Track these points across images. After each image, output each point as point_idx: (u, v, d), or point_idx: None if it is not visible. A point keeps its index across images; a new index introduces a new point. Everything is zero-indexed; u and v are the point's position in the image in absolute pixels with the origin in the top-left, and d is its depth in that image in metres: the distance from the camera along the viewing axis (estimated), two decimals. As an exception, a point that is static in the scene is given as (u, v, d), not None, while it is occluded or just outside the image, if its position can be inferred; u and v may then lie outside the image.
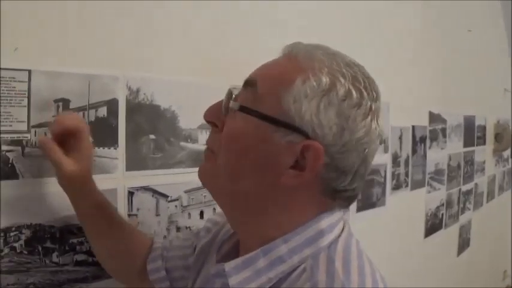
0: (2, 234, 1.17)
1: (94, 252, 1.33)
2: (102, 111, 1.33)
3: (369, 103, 0.87)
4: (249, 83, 0.92)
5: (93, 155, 1.26)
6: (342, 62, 0.88)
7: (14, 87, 1.16)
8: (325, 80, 0.85)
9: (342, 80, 0.85)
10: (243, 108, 0.90)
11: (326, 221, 0.91)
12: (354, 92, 0.85)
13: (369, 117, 0.87)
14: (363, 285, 0.84)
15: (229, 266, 0.91)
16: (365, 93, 0.86)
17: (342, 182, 0.88)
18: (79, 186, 1.19)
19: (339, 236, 0.92)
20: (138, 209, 1.44)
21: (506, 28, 5.35)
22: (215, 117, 0.96)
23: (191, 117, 1.55)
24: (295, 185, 0.87)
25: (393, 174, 2.83)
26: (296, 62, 0.88)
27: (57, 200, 1.24)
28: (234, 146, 0.91)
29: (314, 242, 0.89)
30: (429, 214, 3.42)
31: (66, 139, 1.17)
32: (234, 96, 0.94)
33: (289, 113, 0.85)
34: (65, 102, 1.26)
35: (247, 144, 0.89)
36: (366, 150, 0.88)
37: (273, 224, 0.91)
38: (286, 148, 0.86)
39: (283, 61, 0.91)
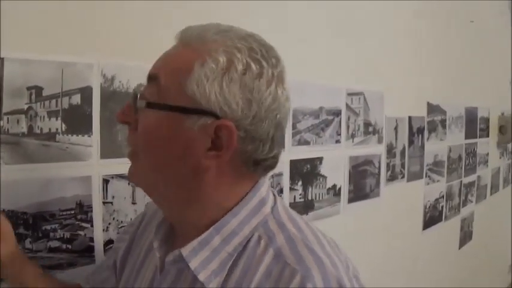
0: None
1: None
2: (76, 99, 1.33)
3: (270, 71, 0.89)
4: (151, 78, 0.94)
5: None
6: (236, 37, 0.90)
7: None
8: (222, 59, 0.87)
9: (239, 55, 0.87)
10: (150, 104, 0.92)
11: (262, 190, 0.97)
12: (252, 64, 0.87)
13: (273, 84, 0.89)
14: (318, 239, 0.94)
15: (185, 250, 0.93)
16: (264, 63, 0.89)
17: (262, 151, 0.92)
18: (14, 269, 1.20)
19: (275, 201, 0.99)
20: (113, 197, 1.44)
21: (512, 19, 5.32)
22: (128, 117, 0.97)
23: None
24: (218, 164, 0.91)
25: (388, 165, 2.82)
26: (191, 48, 0.90)
27: (30, 187, 1.24)
28: (151, 142, 0.93)
29: (259, 211, 0.96)
30: (428, 206, 3.40)
31: None
32: (139, 95, 0.95)
33: (195, 99, 0.87)
34: (38, 90, 1.26)
35: (162, 137, 0.91)
36: (278, 116, 0.91)
37: (216, 204, 0.95)
38: (200, 132, 0.88)
39: (179, 49, 0.93)
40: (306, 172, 2.15)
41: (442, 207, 3.63)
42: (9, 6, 1.19)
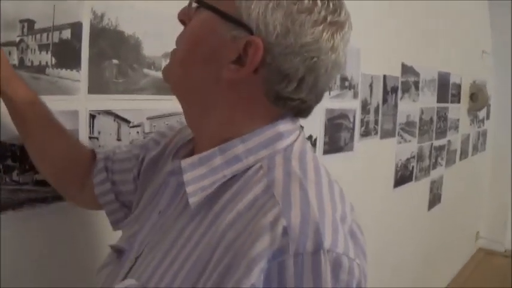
0: None
1: (33, 158, 1.31)
2: (66, 34, 1.35)
3: (323, 13, 0.88)
4: None
5: None
6: None
7: None
8: None
9: None
10: (200, 2, 0.93)
11: (282, 126, 0.95)
12: None
13: (321, 26, 0.88)
14: (319, 183, 0.89)
15: (185, 162, 0.94)
16: (319, 2, 0.88)
17: (285, 87, 0.90)
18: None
19: (295, 141, 0.96)
20: (99, 132, 1.46)
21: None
22: (184, 15, 0.99)
23: (156, 45, 1.57)
24: (235, 79, 0.90)
25: (362, 121, 2.88)
26: None
27: None
28: (188, 39, 0.95)
29: (271, 144, 0.93)
30: (399, 165, 3.48)
31: None
32: None
33: (239, 9, 0.88)
34: (30, 23, 1.27)
35: (198, 35, 0.93)
36: (314, 59, 0.89)
37: (226, 122, 0.95)
38: (231, 42, 0.89)
39: None
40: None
41: (413, 167, 3.71)
42: None
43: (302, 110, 0.97)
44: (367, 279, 0.85)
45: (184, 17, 0.99)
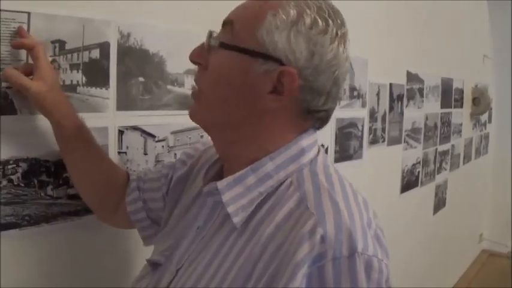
0: (0, 167, 1.24)
1: (73, 180, 1.37)
2: (95, 53, 1.41)
3: (335, 29, 0.98)
4: (226, 23, 1.02)
5: (56, 73, 1.28)
6: None
7: (15, 27, 1.22)
8: (292, 12, 0.96)
9: (308, 11, 0.96)
10: (223, 44, 1.00)
11: (305, 141, 1.04)
12: (319, 21, 0.96)
13: (336, 42, 0.98)
14: (346, 194, 0.97)
15: (221, 184, 1.02)
16: (330, 21, 0.97)
17: (317, 102, 1.00)
18: (52, 103, 1.22)
19: (317, 155, 1.06)
20: (127, 147, 1.52)
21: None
22: (199, 57, 1.04)
23: (178, 63, 1.62)
24: (275, 108, 0.99)
25: (370, 128, 2.93)
26: (272, 1, 0.98)
27: (52, 135, 1.29)
28: (220, 80, 1.01)
29: (297, 159, 1.02)
30: (405, 171, 3.51)
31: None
32: (213, 35, 1.03)
33: (264, 45, 0.96)
34: (61, 43, 1.33)
35: (230, 76, 0.99)
36: (336, 72, 0.99)
37: (258, 146, 1.03)
38: (264, 76, 0.97)
39: (253, 1, 1.01)
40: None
41: (419, 172, 3.74)
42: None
43: (325, 119, 1.07)
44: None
45: (199, 59, 1.04)
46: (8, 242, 1.27)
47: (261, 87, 0.98)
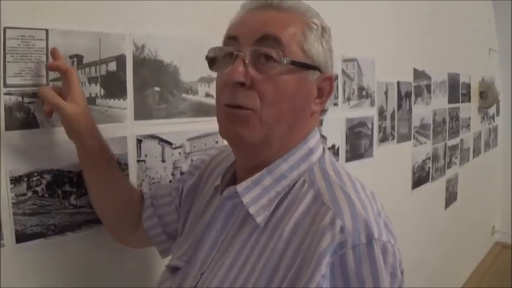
0: (25, 179, 1.28)
1: (92, 199, 1.40)
2: (112, 66, 1.45)
3: (328, 31, 1.11)
4: (269, 38, 1.03)
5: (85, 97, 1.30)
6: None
7: (34, 44, 1.27)
8: (318, 22, 1.07)
9: (320, 20, 1.09)
10: (294, 63, 1.04)
11: (312, 141, 1.12)
12: (326, 27, 1.09)
13: (330, 43, 1.12)
14: (355, 187, 1.05)
15: (240, 187, 1.08)
16: (326, 25, 1.10)
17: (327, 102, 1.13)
18: (84, 125, 1.25)
19: (323, 153, 1.14)
20: (146, 155, 1.56)
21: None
22: (244, 77, 1.02)
23: (191, 71, 1.67)
24: (317, 110, 1.12)
25: (380, 127, 2.96)
26: (297, 14, 1.07)
27: (74, 147, 1.32)
28: (285, 95, 1.05)
29: (307, 158, 1.10)
30: (416, 167, 3.53)
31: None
32: (272, 54, 1.03)
33: (311, 57, 1.06)
34: (79, 58, 1.37)
35: (294, 90, 1.06)
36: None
37: (283, 148, 1.10)
38: (314, 84, 1.08)
39: (284, 15, 1.06)
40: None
41: (429, 168, 3.76)
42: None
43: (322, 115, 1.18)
44: None
45: (244, 79, 1.03)
46: (35, 251, 1.31)
47: (311, 94, 1.09)
